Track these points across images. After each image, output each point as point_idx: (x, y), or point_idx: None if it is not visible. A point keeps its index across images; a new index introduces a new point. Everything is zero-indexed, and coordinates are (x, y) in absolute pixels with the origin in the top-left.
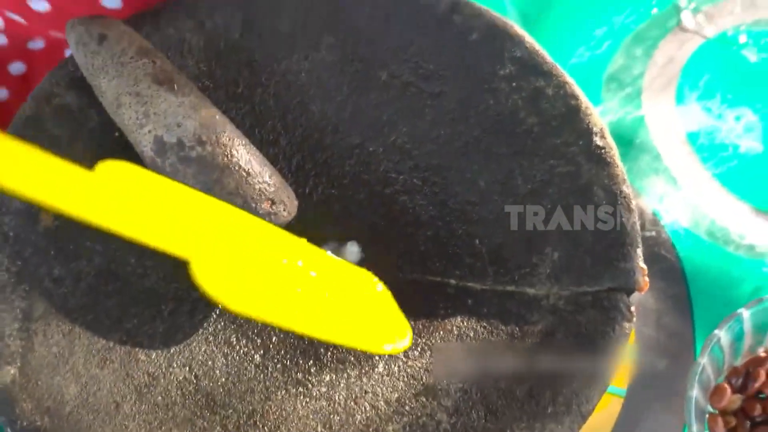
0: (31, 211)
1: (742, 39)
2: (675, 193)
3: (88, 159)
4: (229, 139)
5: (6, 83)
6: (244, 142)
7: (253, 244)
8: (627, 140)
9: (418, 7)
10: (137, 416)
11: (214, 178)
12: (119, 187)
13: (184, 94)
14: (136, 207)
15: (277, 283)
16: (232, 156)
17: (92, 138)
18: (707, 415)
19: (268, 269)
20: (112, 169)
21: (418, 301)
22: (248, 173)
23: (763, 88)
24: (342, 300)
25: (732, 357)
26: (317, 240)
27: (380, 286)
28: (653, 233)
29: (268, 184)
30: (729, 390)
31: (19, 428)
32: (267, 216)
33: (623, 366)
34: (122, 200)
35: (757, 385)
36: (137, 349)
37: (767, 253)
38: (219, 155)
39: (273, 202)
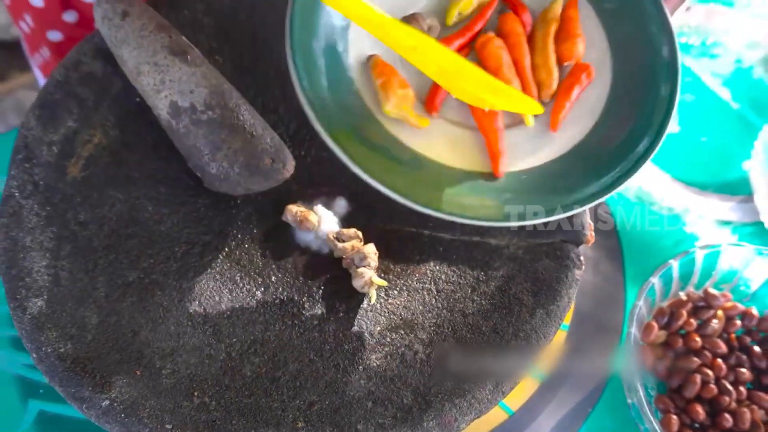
0: (59, 163)
1: None
2: None
3: (112, 119)
4: (236, 105)
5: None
6: (248, 108)
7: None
8: None
9: None
10: (152, 343)
11: (222, 138)
12: None
13: (197, 65)
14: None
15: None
16: (237, 119)
17: (116, 101)
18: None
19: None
20: None
21: (397, 248)
22: (252, 135)
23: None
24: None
25: (661, 300)
26: (311, 196)
27: None
28: None
29: (269, 145)
30: (656, 327)
31: (44, 354)
32: (268, 172)
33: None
34: None
35: (679, 323)
36: (153, 286)
37: (683, 213)
38: (227, 118)
39: (273, 161)
